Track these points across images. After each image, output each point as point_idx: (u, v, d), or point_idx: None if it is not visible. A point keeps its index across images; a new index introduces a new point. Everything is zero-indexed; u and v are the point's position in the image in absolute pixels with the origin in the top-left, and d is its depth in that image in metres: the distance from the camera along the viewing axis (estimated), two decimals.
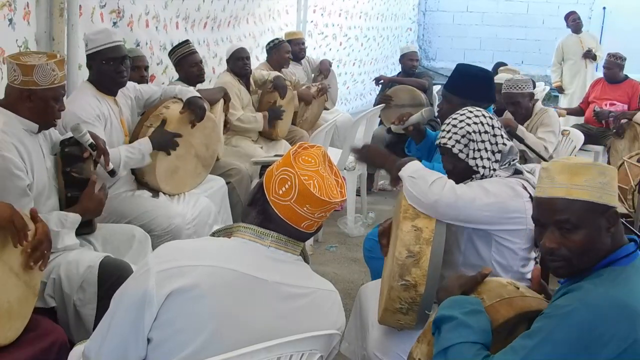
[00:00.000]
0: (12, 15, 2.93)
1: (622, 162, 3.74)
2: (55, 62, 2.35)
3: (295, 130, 5.24)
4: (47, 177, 2.49)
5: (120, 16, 3.89)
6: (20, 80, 2.32)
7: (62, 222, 2.44)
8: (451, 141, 2.22)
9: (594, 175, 1.49)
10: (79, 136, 2.57)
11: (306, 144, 1.62)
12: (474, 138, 2.20)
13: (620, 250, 1.51)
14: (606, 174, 1.49)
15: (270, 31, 6.33)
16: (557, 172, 1.51)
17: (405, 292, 2.00)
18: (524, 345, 1.42)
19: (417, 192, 2.12)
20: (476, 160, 2.20)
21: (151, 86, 3.62)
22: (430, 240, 2.04)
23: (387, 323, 2.14)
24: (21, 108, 2.38)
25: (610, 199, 1.50)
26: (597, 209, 1.48)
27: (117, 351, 1.47)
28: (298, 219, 1.56)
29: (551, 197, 1.51)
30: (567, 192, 1.49)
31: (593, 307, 1.39)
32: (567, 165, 1.51)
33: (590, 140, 5.48)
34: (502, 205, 2.13)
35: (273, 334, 1.51)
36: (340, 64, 8.54)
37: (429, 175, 2.16)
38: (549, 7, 10.98)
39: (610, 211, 1.49)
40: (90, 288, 2.41)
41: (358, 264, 4.13)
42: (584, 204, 1.48)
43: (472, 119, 2.23)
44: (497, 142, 2.23)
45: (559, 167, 1.52)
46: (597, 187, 1.48)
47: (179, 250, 1.54)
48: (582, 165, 1.50)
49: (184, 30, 4.80)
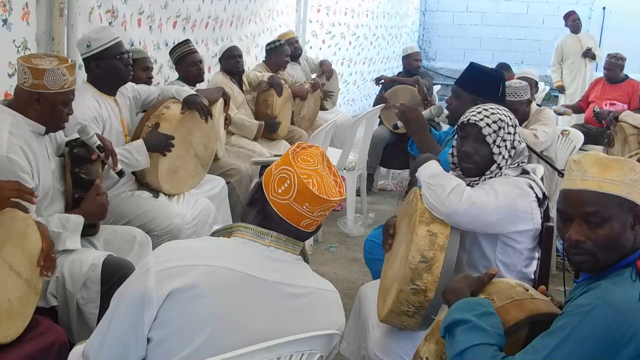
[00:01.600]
0: (7, 15, 2.92)
1: None
2: (66, 66, 2.36)
3: (295, 130, 5.25)
4: (51, 179, 2.49)
5: (115, 16, 3.89)
6: (31, 83, 2.32)
7: (63, 224, 2.44)
8: (482, 122, 2.19)
9: (625, 171, 1.48)
10: (87, 138, 2.57)
11: (305, 144, 1.62)
12: (504, 127, 2.19)
13: None
14: (637, 171, 1.48)
15: (269, 31, 6.33)
16: (590, 165, 1.50)
17: (415, 296, 2.00)
18: (545, 344, 1.41)
19: (434, 200, 2.10)
20: (500, 149, 2.19)
21: (149, 86, 3.62)
22: (444, 246, 2.03)
23: (390, 323, 2.15)
24: (29, 110, 2.38)
25: (638, 197, 1.48)
26: (625, 205, 1.47)
27: (116, 351, 1.47)
28: (297, 217, 1.56)
29: (582, 189, 1.50)
30: (598, 185, 1.48)
31: (614, 305, 1.37)
32: (600, 158, 1.51)
33: (590, 140, 5.48)
34: (512, 206, 2.13)
35: (273, 333, 1.51)
36: (351, 63, 8.52)
37: (446, 182, 2.13)
38: (549, 7, 10.98)
39: (637, 209, 1.48)
40: (94, 286, 2.42)
41: (358, 264, 4.13)
42: (614, 199, 1.47)
43: (502, 111, 2.22)
44: (515, 139, 2.22)
45: (592, 160, 1.51)
46: (627, 183, 1.47)
47: (179, 250, 1.54)
48: (614, 160, 1.50)
49: (182, 30, 4.80)
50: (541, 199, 2.19)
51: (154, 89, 3.48)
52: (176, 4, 4.62)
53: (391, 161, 5.77)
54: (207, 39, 5.22)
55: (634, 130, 4.54)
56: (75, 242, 2.47)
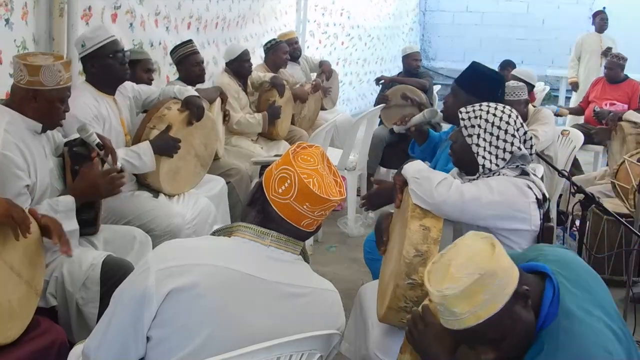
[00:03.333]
0: (9, 15, 2.92)
1: (623, 161, 3.74)
2: (62, 63, 2.36)
3: (295, 130, 5.25)
4: (49, 177, 2.48)
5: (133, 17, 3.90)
6: (27, 80, 2.32)
7: (53, 207, 2.38)
8: (464, 114, 2.23)
9: (486, 285, 1.36)
10: (86, 136, 2.56)
11: (305, 144, 1.62)
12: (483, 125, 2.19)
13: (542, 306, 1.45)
14: (494, 274, 1.36)
15: (272, 31, 6.33)
16: (453, 305, 1.38)
17: (412, 290, 2.00)
18: None
19: (422, 193, 2.11)
20: (479, 148, 2.19)
21: (149, 86, 3.62)
22: (438, 239, 2.03)
23: (389, 321, 2.14)
24: (26, 108, 2.37)
25: (510, 288, 1.38)
26: (508, 309, 1.38)
27: (116, 349, 1.47)
28: (298, 217, 1.56)
29: (464, 328, 1.39)
30: (476, 318, 1.37)
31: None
32: (457, 294, 1.37)
33: (590, 140, 5.48)
34: (507, 204, 2.12)
35: (273, 333, 1.51)
36: (346, 63, 8.52)
37: (433, 176, 2.14)
38: (549, 7, 10.97)
39: (517, 295, 1.39)
40: (93, 286, 2.41)
41: (358, 264, 4.13)
42: (497, 316, 1.37)
43: (496, 110, 2.22)
44: (510, 142, 2.20)
45: (451, 299, 1.38)
46: (496, 293, 1.37)
47: (179, 249, 1.55)
48: (470, 285, 1.35)
49: (196, 31, 4.80)
50: (541, 200, 2.19)
51: (154, 89, 3.48)
52: (187, 5, 4.63)
53: (391, 161, 5.76)
54: (217, 40, 5.22)
55: (633, 130, 4.55)
56: (71, 223, 2.40)
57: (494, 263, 1.37)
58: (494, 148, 2.20)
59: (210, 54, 5.07)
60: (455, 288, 1.37)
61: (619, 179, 3.66)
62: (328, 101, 6.24)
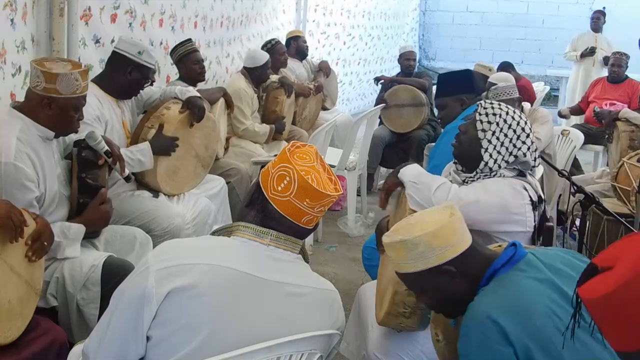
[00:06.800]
0: (14, 15, 2.92)
1: (622, 163, 3.73)
2: (79, 72, 2.34)
3: (295, 130, 5.25)
4: (57, 184, 2.47)
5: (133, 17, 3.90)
6: (43, 87, 2.30)
7: (64, 232, 2.41)
8: (482, 110, 2.21)
9: (408, 251, 1.55)
10: (94, 144, 2.54)
11: (298, 143, 1.63)
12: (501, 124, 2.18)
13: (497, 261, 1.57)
14: (418, 244, 1.54)
15: (275, 30, 6.34)
16: (389, 250, 1.61)
17: (410, 297, 1.99)
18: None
19: (420, 199, 2.10)
20: (488, 146, 2.18)
21: (151, 87, 3.61)
22: None
23: (388, 325, 2.14)
24: (40, 115, 2.35)
25: (437, 260, 1.54)
26: (427, 274, 1.56)
27: (116, 349, 1.47)
28: (298, 214, 1.56)
29: (396, 271, 1.64)
30: (398, 268, 1.61)
31: (476, 320, 1.46)
32: (387, 243, 1.61)
33: (590, 140, 5.48)
34: (504, 205, 2.13)
35: (272, 333, 1.51)
36: (346, 63, 8.53)
37: (431, 181, 2.14)
38: (549, 7, 10.98)
39: (442, 269, 1.55)
40: (94, 287, 2.41)
41: (358, 264, 4.13)
42: (413, 275, 1.58)
43: (515, 114, 2.21)
44: (518, 147, 2.19)
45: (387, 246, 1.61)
46: (416, 259, 1.55)
47: (179, 248, 1.55)
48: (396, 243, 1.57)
49: (202, 30, 4.79)
50: (535, 202, 2.19)
51: (155, 89, 3.48)
52: (192, 4, 4.62)
53: (391, 161, 5.77)
54: (222, 39, 5.22)
55: (627, 128, 4.54)
56: (75, 250, 2.45)
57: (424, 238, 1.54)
58: (503, 149, 2.19)
59: (214, 53, 5.06)
60: (389, 238, 1.60)
61: (619, 181, 3.66)
62: (328, 101, 6.25)
